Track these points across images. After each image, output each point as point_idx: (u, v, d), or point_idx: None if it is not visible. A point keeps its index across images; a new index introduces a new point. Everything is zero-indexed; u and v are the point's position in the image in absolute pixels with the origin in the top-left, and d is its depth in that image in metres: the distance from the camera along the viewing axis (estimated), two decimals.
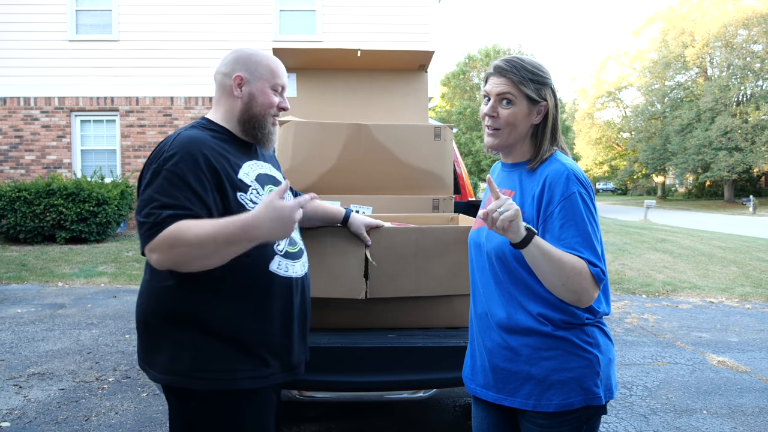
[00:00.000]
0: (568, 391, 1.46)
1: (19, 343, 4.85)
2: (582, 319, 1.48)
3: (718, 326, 5.88)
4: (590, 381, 1.47)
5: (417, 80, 3.48)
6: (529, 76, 1.52)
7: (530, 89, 1.52)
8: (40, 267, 8.35)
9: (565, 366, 1.46)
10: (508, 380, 1.52)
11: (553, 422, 1.47)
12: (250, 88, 1.68)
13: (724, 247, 11.31)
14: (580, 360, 1.47)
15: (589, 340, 1.48)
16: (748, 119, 32.47)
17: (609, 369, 1.52)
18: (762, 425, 3.41)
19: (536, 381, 1.48)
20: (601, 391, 1.48)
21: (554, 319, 1.47)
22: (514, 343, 1.50)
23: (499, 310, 1.54)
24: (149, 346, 1.60)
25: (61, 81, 12.29)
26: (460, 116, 41.93)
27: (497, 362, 1.54)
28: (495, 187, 1.42)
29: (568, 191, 1.45)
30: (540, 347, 1.47)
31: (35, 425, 3.24)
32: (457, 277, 2.34)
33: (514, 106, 1.53)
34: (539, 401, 1.47)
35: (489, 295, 1.57)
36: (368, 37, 12.18)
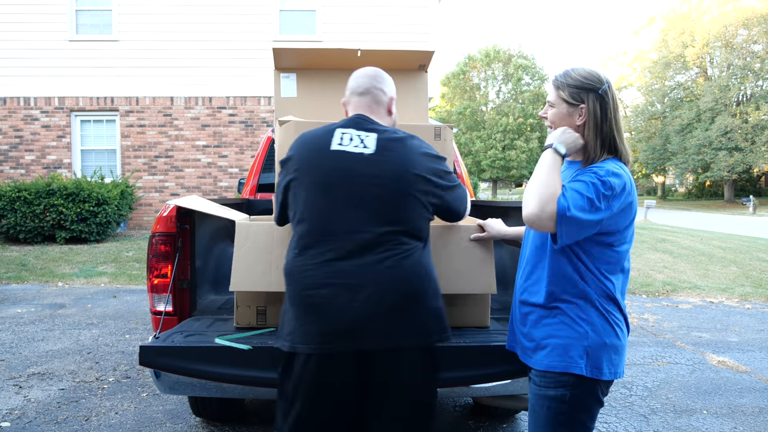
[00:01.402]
0: (555, 355, 1.69)
1: (19, 343, 4.85)
2: (587, 298, 1.69)
3: (718, 326, 5.88)
4: (574, 351, 1.67)
5: (417, 80, 3.48)
6: (568, 81, 1.75)
7: (565, 93, 1.74)
8: (40, 267, 8.35)
9: (556, 333, 1.70)
10: (526, 340, 1.80)
11: (541, 380, 1.71)
12: (395, 108, 2.02)
13: (724, 247, 11.31)
14: (570, 331, 1.68)
15: (583, 316, 1.68)
16: (748, 119, 32.48)
17: (601, 351, 1.67)
18: (762, 425, 3.41)
19: (535, 343, 1.75)
20: (582, 363, 1.66)
21: (563, 299, 1.70)
22: (525, 311, 1.80)
23: (523, 280, 1.83)
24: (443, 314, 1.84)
25: (61, 81, 12.29)
26: (460, 116, 41.92)
27: (517, 326, 1.86)
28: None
29: (595, 168, 1.65)
30: (543, 315, 1.74)
31: (35, 425, 3.23)
32: (458, 276, 2.34)
33: (555, 108, 1.79)
34: (532, 359, 1.75)
35: (521, 267, 1.87)
36: (368, 37, 12.18)
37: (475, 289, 2.35)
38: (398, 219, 1.76)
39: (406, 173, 1.78)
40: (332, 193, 1.76)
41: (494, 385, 2.35)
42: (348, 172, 1.77)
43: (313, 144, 1.85)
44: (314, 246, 1.75)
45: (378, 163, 1.78)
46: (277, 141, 3.06)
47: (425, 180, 1.81)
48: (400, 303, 1.71)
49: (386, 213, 1.75)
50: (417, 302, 1.74)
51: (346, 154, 1.79)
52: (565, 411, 1.67)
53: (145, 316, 5.81)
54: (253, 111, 12.53)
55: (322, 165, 1.80)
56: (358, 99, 1.95)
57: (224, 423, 3.27)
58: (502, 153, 40.74)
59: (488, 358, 2.23)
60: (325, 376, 1.71)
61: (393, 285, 1.71)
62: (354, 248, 1.72)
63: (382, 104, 1.96)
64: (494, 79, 44.58)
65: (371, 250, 1.72)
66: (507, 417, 3.42)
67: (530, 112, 41.08)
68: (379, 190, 1.76)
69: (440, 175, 1.87)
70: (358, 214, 1.74)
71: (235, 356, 2.16)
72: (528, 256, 1.82)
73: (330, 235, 1.74)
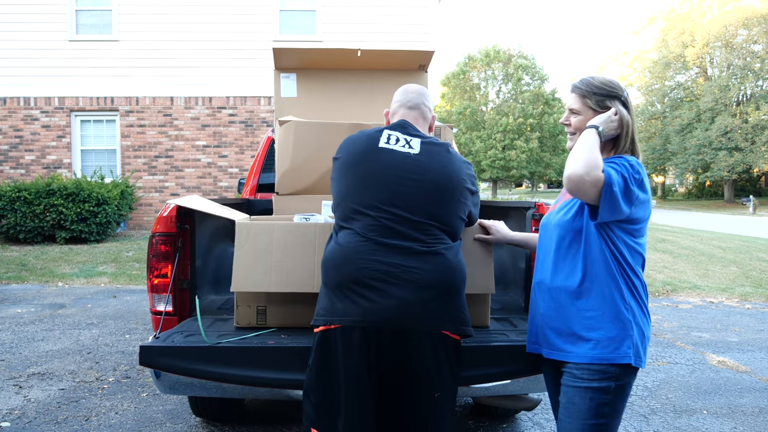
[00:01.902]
0: (601, 347, 1.70)
1: (19, 343, 4.85)
2: (625, 291, 1.73)
3: (718, 326, 5.88)
4: (624, 341, 1.70)
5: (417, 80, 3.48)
6: (593, 90, 1.82)
7: (592, 101, 1.82)
8: (40, 267, 8.35)
9: (601, 325, 1.72)
10: (556, 336, 1.80)
11: (584, 373, 1.71)
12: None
13: (724, 247, 11.31)
14: (617, 322, 1.71)
15: (627, 306, 1.73)
16: (748, 119, 32.48)
17: (641, 341, 1.74)
18: (762, 425, 3.41)
19: (575, 336, 1.75)
20: (631, 353, 1.70)
21: (598, 288, 1.72)
22: (562, 303, 1.79)
23: (551, 275, 1.83)
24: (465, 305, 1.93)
25: (61, 81, 12.29)
26: (460, 116, 41.91)
27: (547, 321, 1.83)
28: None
29: (622, 161, 1.72)
30: (584, 308, 1.74)
31: (35, 425, 3.23)
32: None
33: (580, 115, 1.84)
34: (572, 352, 1.74)
35: (546, 264, 1.87)
36: (368, 37, 12.18)
37: (475, 288, 2.35)
38: (440, 216, 1.89)
39: (451, 176, 1.93)
40: (382, 183, 1.87)
41: (494, 385, 2.35)
42: (397, 165, 1.89)
43: (361, 143, 1.97)
44: (362, 232, 1.85)
45: (424, 164, 1.91)
46: (277, 141, 3.06)
47: (465, 185, 1.97)
48: (439, 293, 1.83)
49: (430, 210, 1.87)
50: (454, 294, 1.86)
51: (393, 152, 1.92)
52: (609, 401, 1.70)
53: (145, 316, 5.81)
54: (253, 111, 12.54)
55: (371, 159, 1.92)
56: (406, 111, 2.08)
57: (224, 423, 3.27)
58: (502, 153, 40.74)
59: (488, 358, 2.23)
60: (364, 353, 1.78)
61: (435, 275, 1.82)
62: (399, 237, 1.83)
63: (427, 120, 2.12)
64: (494, 79, 44.58)
65: (416, 241, 1.84)
66: (507, 417, 3.42)
67: (530, 112, 41.08)
68: (425, 187, 1.88)
69: (473, 182, 2.03)
70: (405, 205, 1.85)
71: (235, 356, 2.16)
72: (553, 250, 1.84)
73: (378, 223, 1.84)
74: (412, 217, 1.85)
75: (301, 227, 2.33)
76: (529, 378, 2.33)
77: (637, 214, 1.71)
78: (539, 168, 42.89)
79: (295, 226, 2.34)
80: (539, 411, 3.52)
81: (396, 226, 1.84)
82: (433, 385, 1.83)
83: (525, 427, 3.33)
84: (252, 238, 2.31)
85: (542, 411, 3.54)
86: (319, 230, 2.31)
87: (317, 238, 2.30)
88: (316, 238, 2.30)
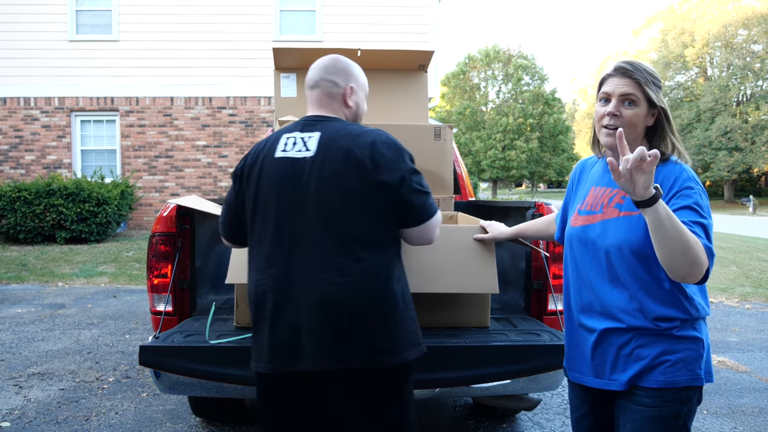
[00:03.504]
0: (674, 371, 1.53)
1: (19, 343, 4.85)
2: (693, 316, 1.56)
3: (718, 326, 5.87)
4: (695, 363, 1.55)
5: (417, 80, 3.48)
6: (651, 78, 1.56)
7: (653, 91, 1.55)
8: (40, 267, 8.35)
9: (672, 349, 1.54)
10: (613, 365, 1.59)
11: (655, 401, 1.53)
12: (357, 98, 1.81)
13: (724, 247, 11.31)
14: (688, 343, 1.54)
15: (696, 327, 1.57)
16: (748, 119, 32.48)
17: (709, 355, 1.60)
18: (762, 425, 3.41)
19: (644, 362, 1.55)
20: (702, 373, 1.56)
21: (669, 317, 1.54)
22: (623, 333, 1.57)
23: (607, 299, 1.60)
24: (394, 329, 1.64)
25: (61, 81, 12.29)
26: (460, 116, 41.91)
27: (601, 348, 1.61)
28: (624, 144, 1.34)
29: (688, 184, 1.50)
30: (649, 336, 1.55)
31: (35, 425, 3.23)
32: (456, 277, 2.34)
33: (637, 107, 1.56)
34: (645, 378, 1.55)
35: (597, 286, 1.62)
36: (368, 37, 12.17)
37: (478, 288, 2.35)
38: (342, 224, 1.59)
39: (349, 174, 1.59)
40: (276, 202, 1.63)
41: (494, 385, 2.36)
42: (290, 178, 1.62)
43: (259, 154, 1.71)
44: (260, 258, 1.66)
45: (320, 167, 1.61)
46: None
47: (378, 178, 1.59)
48: (346, 318, 1.56)
49: (331, 219, 1.59)
50: (365, 318, 1.58)
51: (288, 161, 1.64)
52: (681, 425, 1.56)
53: (145, 316, 5.81)
54: (253, 111, 12.53)
55: (264, 174, 1.66)
56: (309, 94, 1.79)
57: (224, 423, 3.27)
58: (502, 153, 40.74)
59: (488, 358, 2.23)
60: (272, 397, 1.65)
61: (339, 298, 1.56)
62: (298, 259, 1.60)
63: (335, 96, 1.75)
64: (494, 79, 44.59)
65: (316, 261, 1.58)
66: (507, 417, 3.42)
67: (530, 112, 41.08)
68: (321, 194, 1.59)
69: (394, 167, 1.62)
70: (303, 221, 1.60)
71: (235, 356, 2.16)
72: (605, 275, 1.61)
73: (276, 246, 1.62)
74: (314, 235, 1.59)
75: None
76: (529, 378, 2.33)
77: None
78: (539, 168, 42.88)
79: None
80: (539, 411, 3.52)
81: (296, 247, 1.61)
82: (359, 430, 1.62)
83: (525, 427, 3.33)
84: None
85: (542, 411, 3.53)
86: None
87: None
88: None
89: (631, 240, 1.54)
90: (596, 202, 1.66)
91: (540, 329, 2.51)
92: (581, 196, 1.75)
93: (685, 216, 1.44)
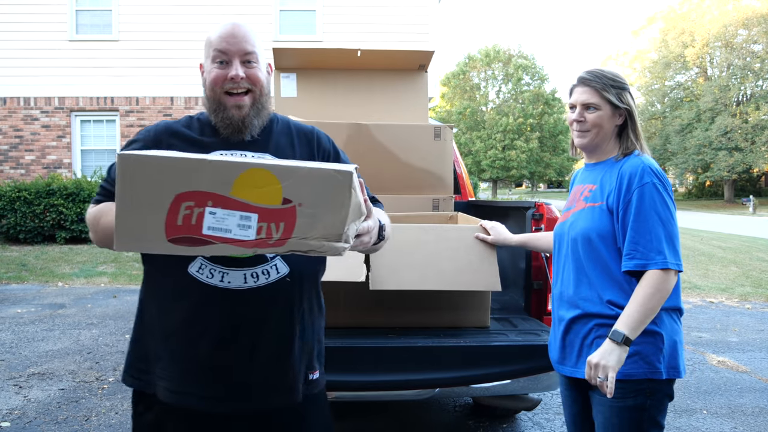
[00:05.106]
0: (631, 362, 1.59)
1: (19, 343, 4.85)
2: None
3: (718, 326, 5.87)
4: (653, 356, 1.62)
5: (417, 80, 3.48)
6: (609, 83, 1.73)
7: (612, 94, 1.72)
8: (40, 267, 8.35)
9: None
10: (579, 353, 1.71)
11: (617, 392, 1.59)
12: (204, 72, 1.57)
13: (724, 247, 11.31)
14: (646, 336, 1.60)
15: (655, 321, 1.62)
16: (748, 119, 32.47)
17: (674, 349, 1.65)
18: (762, 425, 3.41)
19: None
20: (662, 367, 1.62)
21: (622, 304, 1.62)
22: (584, 320, 1.70)
23: (572, 289, 1.74)
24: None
25: (61, 81, 12.29)
26: (460, 116, 41.91)
27: (569, 337, 1.74)
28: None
29: (642, 181, 1.63)
30: (608, 327, 1.62)
31: (35, 425, 3.23)
32: (458, 275, 2.34)
33: (599, 111, 1.73)
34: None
35: (566, 277, 1.77)
36: (368, 37, 12.17)
37: (480, 285, 2.35)
38: None
39: None
40: None
41: (494, 385, 2.35)
42: None
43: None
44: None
45: None
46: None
47: None
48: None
49: None
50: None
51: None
52: (647, 418, 1.64)
53: None
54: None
55: None
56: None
57: None
58: (502, 153, 40.74)
59: (488, 358, 2.23)
60: None
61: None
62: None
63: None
64: (494, 79, 44.58)
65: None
66: (507, 417, 3.42)
67: (530, 112, 41.08)
68: None
69: None
70: None
71: None
72: (572, 265, 1.75)
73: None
74: None
75: None
76: (529, 378, 2.33)
77: None
78: (539, 168, 42.88)
79: None
80: (539, 411, 3.52)
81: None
82: None
83: (525, 427, 3.33)
84: None
85: (542, 411, 3.54)
86: None
87: None
88: None
89: (592, 228, 1.69)
90: (572, 198, 1.85)
91: (540, 329, 2.51)
92: (568, 198, 1.92)
93: (640, 234, 1.59)
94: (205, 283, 1.40)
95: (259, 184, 1.11)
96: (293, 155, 1.57)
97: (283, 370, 1.47)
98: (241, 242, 1.12)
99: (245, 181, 1.11)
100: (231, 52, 1.49)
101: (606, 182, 1.72)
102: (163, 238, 1.12)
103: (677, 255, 1.60)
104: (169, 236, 1.12)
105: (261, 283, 1.42)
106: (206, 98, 1.53)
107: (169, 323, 1.44)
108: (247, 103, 1.49)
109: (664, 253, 1.57)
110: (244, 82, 1.48)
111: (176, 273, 1.41)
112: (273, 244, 1.13)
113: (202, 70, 1.55)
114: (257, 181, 1.11)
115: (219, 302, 1.40)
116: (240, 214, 1.11)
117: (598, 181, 1.75)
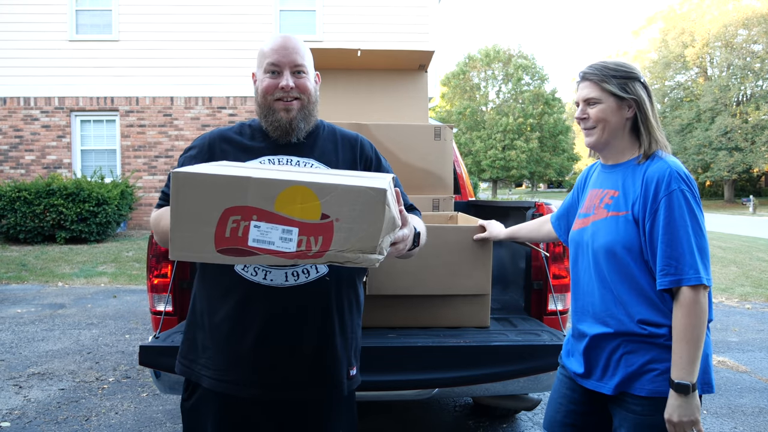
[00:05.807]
0: (662, 380, 1.51)
1: (19, 343, 4.85)
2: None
3: (718, 326, 5.87)
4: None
5: (417, 80, 3.48)
6: (610, 73, 1.60)
7: (613, 85, 1.59)
8: (40, 267, 8.35)
9: (661, 357, 1.52)
10: (604, 369, 1.60)
11: (645, 409, 1.52)
12: (256, 81, 1.67)
13: (724, 247, 11.31)
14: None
15: None
16: (748, 119, 32.47)
17: (707, 364, 1.54)
18: (762, 425, 3.41)
19: (632, 368, 1.55)
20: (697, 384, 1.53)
21: (655, 322, 1.53)
22: (612, 338, 1.58)
23: (598, 305, 1.62)
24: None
25: (61, 81, 12.29)
26: (460, 116, 41.90)
27: (594, 352, 1.63)
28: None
29: (670, 188, 1.50)
30: (638, 343, 1.54)
31: (35, 425, 3.23)
32: (457, 276, 2.34)
33: (601, 104, 1.61)
34: (633, 385, 1.54)
35: (588, 290, 1.66)
36: (368, 37, 12.18)
37: (470, 289, 2.36)
38: None
39: None
40: None
41: (494, 385, 2.35)
42: None
43: None
44: None
45: None
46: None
47: None
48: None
49: None
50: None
51: None
52: None
53: (145, 316, 5.81)
54: (253, 111, 12.46)
55: None
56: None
57: None
58: (502, 153, 40.73)
59: (488, 358, 2.23)
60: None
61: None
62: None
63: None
64: (494, 79, 44.57)
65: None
66: (507, 417, 3.42)
67: (530, 112, 41.07)
68: None
69: None
70: None
71: None
72: (594, 278, 1.64)
73: None
74: None
75: None
76: (529, 378, 2.33)
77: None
78: (539, 168, 42.87)
79: None
80: (539, 411, 3.52)
81: None
82: None
83: (525, 427, 3.33)
84: None
85: (542, 411, 3.53)
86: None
87: None
88: None
89: (616, 241, 1.56)
90: (590, 204, 1.70)
91: (540, 329, 2.51)
92: (582, 200, 1.78)
93: (669, 250, 1.48)
94: (249, 281, 1.51)
95: (299, 200, 1.19)
96: (336, 160, 1.66)
97: (325, 364, 1.57)
98: (282, 254, 1.20)
99: (287, 197, 1.19)
100: (282, 64, 1.59)
101: (629, 188, 1.58)
102: (213, 249, 1.21)
103: (708, 269, 1.50)
104: (218, 247, 1.21)
105: (301, 281, 1.52)
106: (257, 105, 1.65)
107: (217, 317, 1.55)
108: (296, 108, 1.60)
109: (697, 268, 1.47)
110: (293, 91, 1.60)
111: (225, 271, 1.53)
112: (312, 256, 1.20)
113: (254, 79, 1.67)
114: (298, 198, 1.19)
115: (262, 298, 1.51)
116: (282, 227, 1.20)
117: (620, 187, 1.61)
